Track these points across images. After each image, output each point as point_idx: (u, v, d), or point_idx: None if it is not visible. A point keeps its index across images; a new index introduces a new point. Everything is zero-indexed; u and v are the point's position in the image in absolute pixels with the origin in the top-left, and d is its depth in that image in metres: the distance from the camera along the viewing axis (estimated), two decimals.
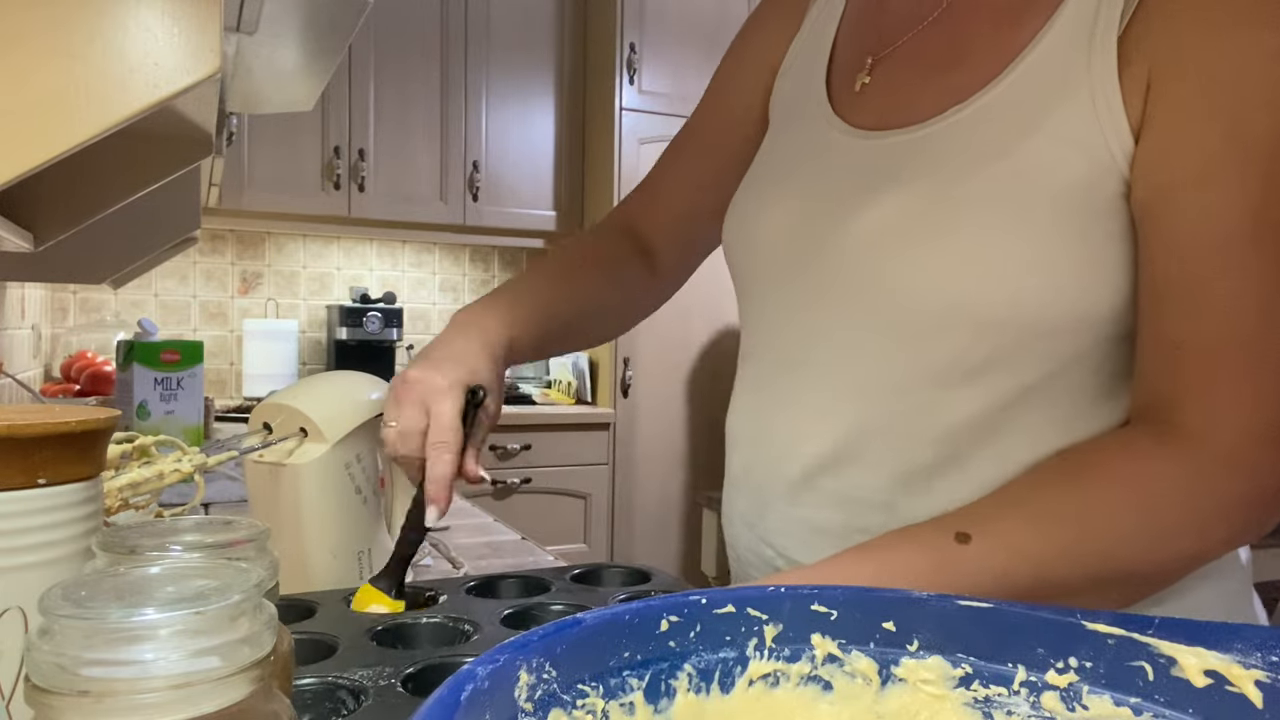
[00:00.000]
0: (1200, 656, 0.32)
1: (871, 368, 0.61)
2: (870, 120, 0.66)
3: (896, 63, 0.67)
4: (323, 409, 0.80)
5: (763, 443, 0.69)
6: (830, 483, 0.63)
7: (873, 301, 0.61)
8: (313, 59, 0.95)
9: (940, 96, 0.61)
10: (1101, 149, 0.54)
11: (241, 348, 3.13)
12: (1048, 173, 0.55)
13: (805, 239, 0.66)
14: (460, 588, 0.75)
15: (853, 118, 0.67)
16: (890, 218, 0.60)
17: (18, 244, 0.80)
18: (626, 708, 0.34)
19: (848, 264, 0.62)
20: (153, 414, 1.44)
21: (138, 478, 0.69)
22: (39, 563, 0.38)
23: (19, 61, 0.41)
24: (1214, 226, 0.51)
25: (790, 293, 0.67)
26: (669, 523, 3.19)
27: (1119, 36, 0.54)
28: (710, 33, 3.16)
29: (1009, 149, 0.56)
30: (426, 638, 0.67)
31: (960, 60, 0.62)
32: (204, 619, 0.26)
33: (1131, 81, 0.54)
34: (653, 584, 0.80)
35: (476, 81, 3.10)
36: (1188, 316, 0.52)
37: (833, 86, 0.71)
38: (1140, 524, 0.52)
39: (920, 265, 0.58)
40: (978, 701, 0.35)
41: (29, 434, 0.37)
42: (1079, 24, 0.56)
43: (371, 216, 2.99)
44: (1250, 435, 0.51)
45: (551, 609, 0.71)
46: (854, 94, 0.68)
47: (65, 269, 1.53)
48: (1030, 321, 0.56)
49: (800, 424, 0.65)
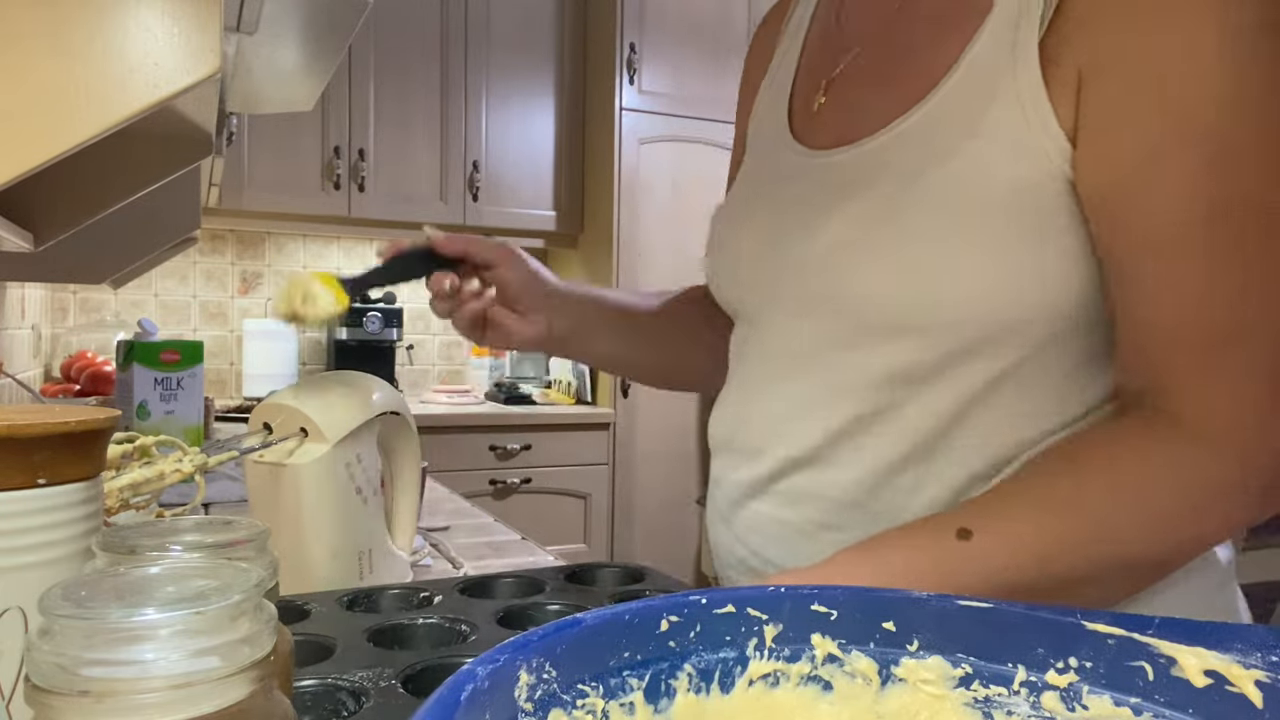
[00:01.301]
0: (1200, 656, 0.32)
1: (837, 372, 0.63)
2: (824, 140, 0.68)
3: (847, 81, 0.68)
4: (323, 409, 0.80)
5: (737, 446, 0.71)
6: (802, 482, 0.65)
7: (834, 311, 0.63)
8: (313, 59, 0.95)
9: (885, 110, 0.62)
10: (1036, 149, 0.55)
11: (241, 348, 3.13)
12: (988, 174, 0.56)
13: (768, 260, 0.68)
14: (454, 588, 0.75)
15: (808, 139, 0.69)
16: (843, 232, 0.62)
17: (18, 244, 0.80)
18: (626, 708, 0.34)
19: (807, 280, 0.64)
20: (153, 414, 1.44)
21: (138, 478, 0.69)
22: (39, 563, 0.38)
23: (19, 61, 0.41)
24: (1166, 214, 0.52)
25: (760, 309, 0.70)
26: (669, 523, 3.19)
27: (1040, 40, 0.55)
28: (710, 33, 3.16)
29: (948, 155, 0.57)
30: (423, 638, 0.67)
31: (902, 73, 0.63)
32: (204, 619, 0.26)
33: (1059, 83, 0.54)
34: (646, 583, 0.80)
35: (476, 81, 3.10)
36: (1159, 305, 0.53)
37: (794, 111, 0.73)
38: (1139, 511, 0.52)
39: (875, 274, 0.59)
40: (978, 701, 0.35)
41: (29, 434, 0.37)
42: (1003, 30, 0.57)
43: (371, 216, 2.99)
44: (1236, 417, 0.51)
45: (548, 608, 0.72)
46: (811, 115, 0.70)
47: (65, 269, 1.53)
48: (986, 319, 0.57)
49: (771, 426, 0.67)
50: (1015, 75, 0.55)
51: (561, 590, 0.77)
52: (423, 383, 3.43)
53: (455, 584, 0.76)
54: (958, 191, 0.57)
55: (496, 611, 0.70)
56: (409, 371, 3.40)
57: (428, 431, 2.68)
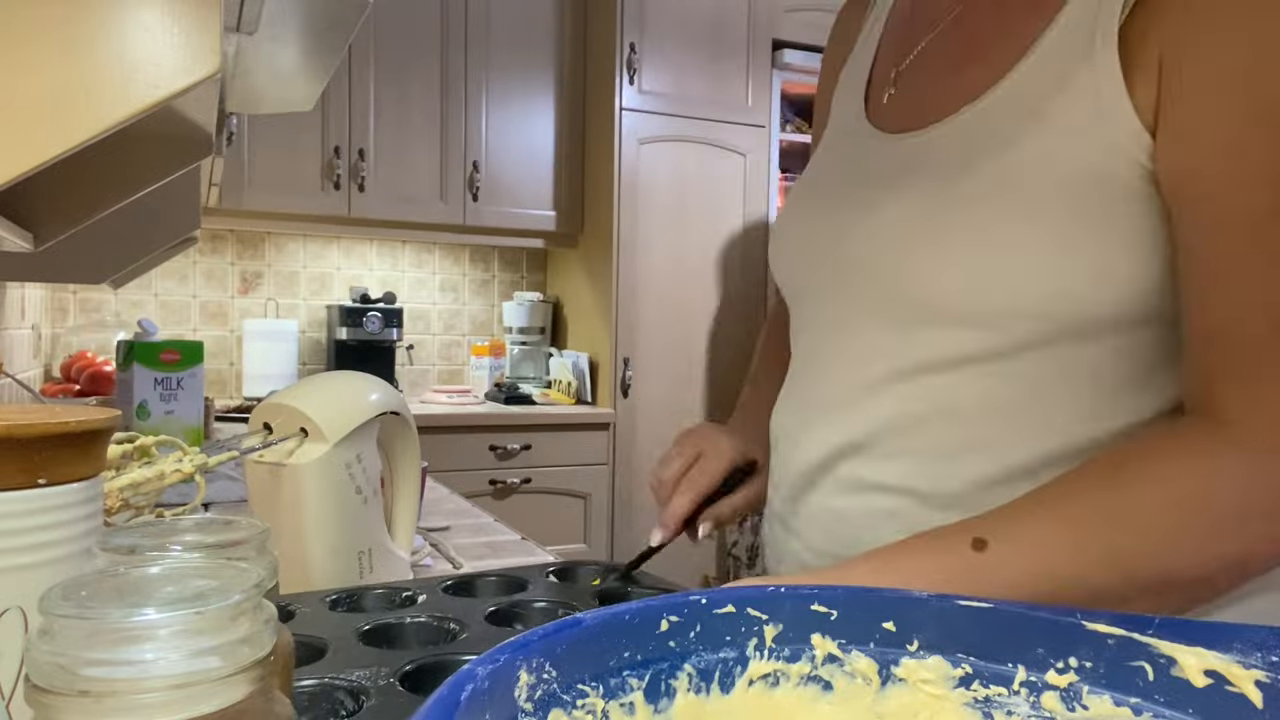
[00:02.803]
0: (1200, 656, 0.32)
1: (891, 359, 0.62)
2: (894, 124, 0.68)
3: (915, 70, 0.69)
4: (323, 409, 0.80)
5: (791, 436, 0.71)
6: (851, 470, 0.64)
7: (885, 295, 0.62)
8: (313, 59, 0.95)
9: (953, 96, 0.62)
10: (1108, 138, 0.54)
11: (241, 348, 3.13)
12: (1054, 163, 0.55)
13: (825, 241, 0.68)
14: (438, 587, 0.76)
15: (881, 124, 0.70)
16: (904, 215, 0.61)
17: (18, 244, 0.79)
18: (626, 708, 0.34)
19: (861, 261, 0.64)
20: (153, 414, 1.44)
21: (138, 478, 0.69)
22: (39, 563, 0.38)
23: (19, 61, 0.41)
24: (1242, 206, 0.50)
25: (816, 291, 0.70)
26: None
27: (1121, 26, 0.54)
28: (710, 33, 3.16)
29: (1015, 141, 0.57)
30: (414, 637, 0.67)
31: (971, 60, 0.63)
32: (204, 619, 0.26)
33: (1138, 70, 0.53)
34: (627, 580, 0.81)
35: (476, 81, 3.10)
36: (1223, 302, 0.51)
37: (870, 101, 0.74)
38: (1178, 522, 0.49)
39: (933, 261, 0.59)
40: (978, 701, 0.35)
41: (29, 434, 0.37)
42: (1080, 17, 0.56)
43: (371, 216, 2.99)
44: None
45: (535, 606, 0.72)
46: (883, 105, 0.71)
47: (65, 269, 1.53)
48: (1044, 310, 0.56)
49: (822, 414, 0.67)
50: (1092, 62, 0.55)
51: (545, 588, 0.77)
52: (423, 383, 3.43)
53: (439, 583, 0.77)
54: (1021, 179, 0.56)
55: (485, 609, 0.70)
56: (409, 371, 3.40)
57: (428, 431, 2.68)
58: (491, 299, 3.53)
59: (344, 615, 0.70)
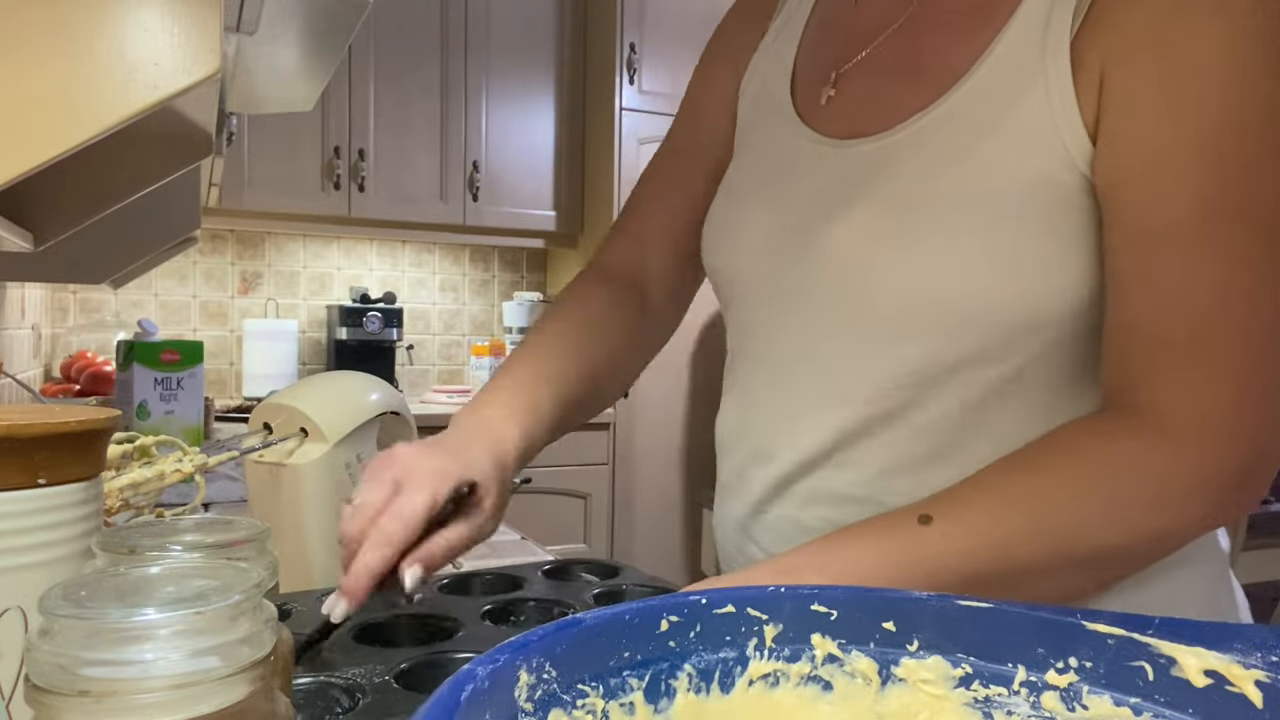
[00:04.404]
0: (1200, 656, 0.32)
1: (852, 370, 0.62)
2: (839, 130, 0.67)
3: (860, 74, 0.68)
4: (323, 409, 0.80)
5: (750, 447, 0.70)
6: (816, 483, 0.64)
7: (850, 306, 0.62)
8: (313, 59, 0.95)
9: (904, 104, 0.62)
10: (1058, 147, 0.55)
11: (241, 348, 3.13)
12: (1008, 171, 0.56)
13: (784, 248, 0.67)
14: (433, 585, 0.76)
15: (821, 127, 0.68)
16: (862, 225, 0.61)
17: (18, 244, 0.79)
18: (626, 708, 0.34)
19: (825, 271, 0.64)
20: (153, 414, 1.44)
21: (138, 478, 0.69)
22: (39, 563, 0.38)
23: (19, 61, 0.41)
24: (1165, 214, 0.52)
25: (772, 300, 0.68)
26: (669, 523, 3.19)
27: (1072, 39, 0.55)
28: (710, 33, 3.16)
29: (970, 150, 0.57)
30: (410, 635, 0.67)
31: (922, 68, 0.63)
32: (204, 619, 0.26)
33: (1086, 82, 0.55)
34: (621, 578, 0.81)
35: (476, 81, 3.10)
36: (1144, 300, 0.53)
37: (798, 99, 0.72)
38: (1102, 502, 0.52)
39: (893, 270, 0.59)
40: (978, 701, 0.35)
41: (29, 434, 0.37)
42: (1032, 28, 0.57)
43: (371, 216, 2.99)
44: (1206, 416, 0.52)
45: (529, 604, 0.72)
46: (820, 106, 0.69)
47: (65, 269, 1.53)
48: (1001, 317, 0.57)
49: (785, 426, 0.66)
50: (1045, 71, 0.56)
51: (540, 586, 0.78)
52: (423, 383, 3.43)
53: (434, 581, 0.77)
54: (978, 187, 0.57)
55: (481, 607, 0.70)
56: (409, 371, 3.40)
57: (428, 431, 2.67)
58: (491, 299, 3.53)
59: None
